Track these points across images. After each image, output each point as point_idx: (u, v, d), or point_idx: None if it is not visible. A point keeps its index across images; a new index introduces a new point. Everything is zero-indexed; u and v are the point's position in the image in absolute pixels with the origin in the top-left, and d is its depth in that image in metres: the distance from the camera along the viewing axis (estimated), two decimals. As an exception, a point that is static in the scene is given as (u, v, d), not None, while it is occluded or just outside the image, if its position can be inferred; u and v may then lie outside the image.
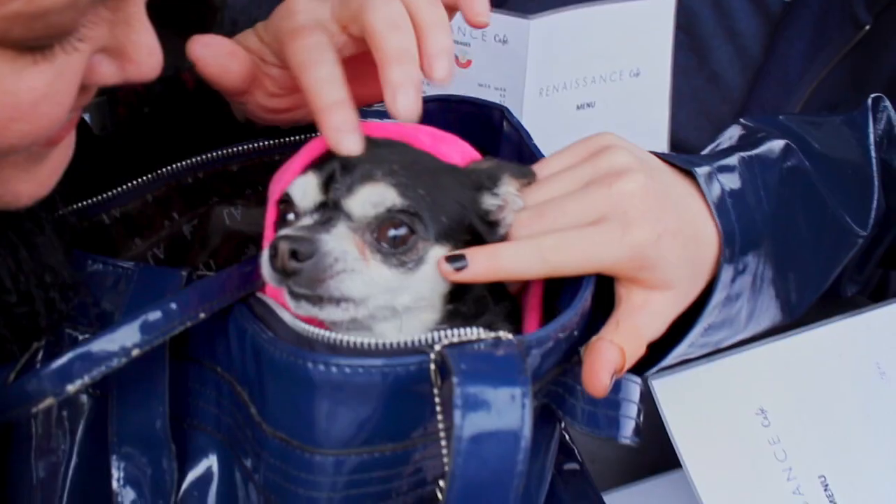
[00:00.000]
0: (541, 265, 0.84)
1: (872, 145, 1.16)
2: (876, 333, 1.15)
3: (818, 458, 1.08)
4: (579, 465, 1.09)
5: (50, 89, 0.72)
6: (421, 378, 0.76)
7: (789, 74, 1.67)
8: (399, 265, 0.83)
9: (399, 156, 0.85)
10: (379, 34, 0.86)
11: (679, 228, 0.90)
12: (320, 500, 0.80)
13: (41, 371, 0.83)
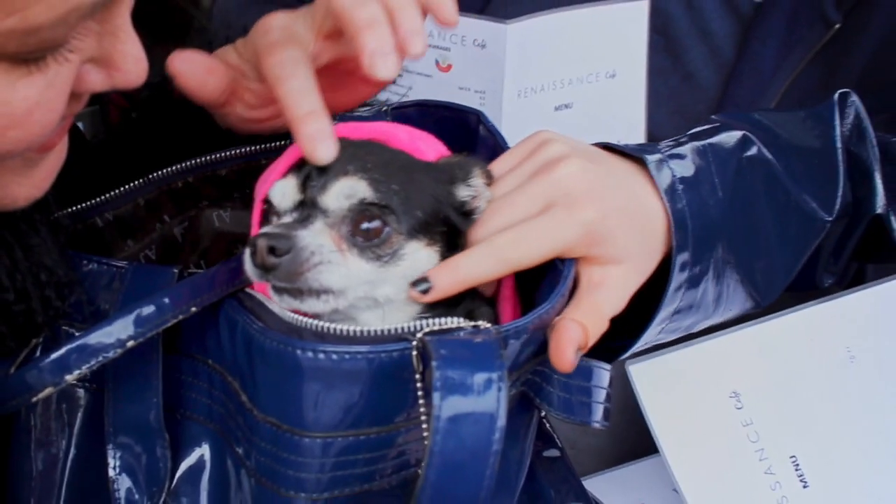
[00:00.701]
0: (501, 265, 0.89)
1: (838, 137, 1.21)
2: (846, 319, 1.20)
3: (790, 440, 1.13)
4: (560, 452, 1.12)
5: (43, 98, 0.76)
6: (404, 364, 0.80)
7: (762, 73, 1.71)
8: (375, 258, 0.87)
9: (374, 154, 0.89)
10: (348, 11, 0.91)
11: (624, 205, 0.95)
12: (309, 480, 0.84)
13: (40, 362, 0.87)
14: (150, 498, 0.93)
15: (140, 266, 0.97)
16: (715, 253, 1.05)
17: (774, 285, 1.15)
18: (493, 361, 0.78)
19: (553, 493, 1.08)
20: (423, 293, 0.87)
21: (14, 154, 0.78)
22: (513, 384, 0.88)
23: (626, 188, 0.99)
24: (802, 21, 1.71)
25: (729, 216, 1.06)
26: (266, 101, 0.98)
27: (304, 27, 0.95)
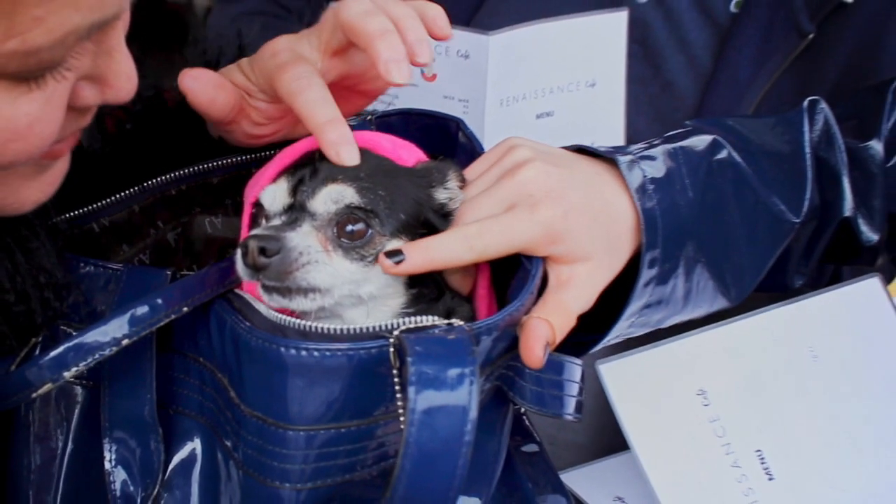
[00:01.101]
0: (468, 251, 0.94)
1: (807, 142, 1.25)
2: (809, 320, 1.24)
3: (755, 434, 1.17)
4: (538, 447, 1.16)
5: (42, 113, 0.80)
6: (382, 360, 0.85)
7: (739, 82, 1.74)
8: (359, 258, 0.91)
9: (361, 161, 0.94)
10: (359, 23, 0.96)
11: (587, 205, 1.00)
12: (293, 471, 0.88)
13: (40, 360, 0.92)
14: (144, 490, 0.97)
15: (134, 268, 1.02)
16: (684, 251, 1.10)
17: (744, 283, 1.19)
18: (466, 357, 0.83)
19: (531, 485, 1.12)
20: (396, 264, 0.91)
21: (17, 164, 0.83)
22: (487, 378, 0.93)
23: (592, 188, 1.04)
24: (777, 31, 1.75)
25: (699, 216, 1.11)
26: (270, 119, 1.04)
27: (310, 48, 1.01)
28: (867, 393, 1.23)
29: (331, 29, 1.00)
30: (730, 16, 1.79)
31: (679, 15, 1.77)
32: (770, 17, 1.75)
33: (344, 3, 0.99)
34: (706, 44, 1.78)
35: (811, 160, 1.24)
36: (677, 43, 1.78)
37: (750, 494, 1.14)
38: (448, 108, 1.42)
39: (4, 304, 0.92)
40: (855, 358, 1.24)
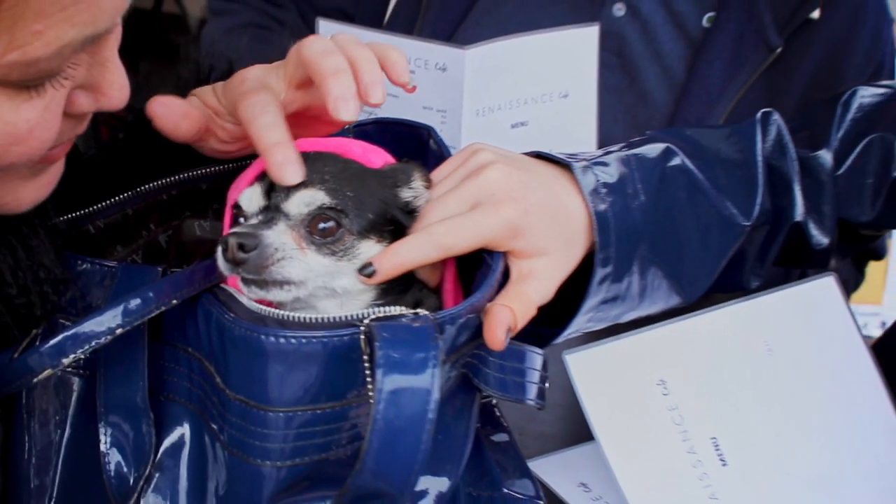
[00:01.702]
0: (436, 250, 1.01)
1: (759, 151, 1.31)
2: (765, 315, 1.29)
3: (710, 423, 1.23)
4: (508, 437, 1.22)
5: (42, 118, 0.86)
6: (354, 346, 0.92)
7: (710, 93, 1.82)
8: (331, 254, 0.98)
9: (330, 165, 1.01)
10: (317, 60, 1.02)
11: (545, 204, 1.08)
12: (274, 450, 0.94)
13: (41, 348, 0.96)
14: (136, 470, 1.02)
15: (128, 266, 1.07)
16: (638, 250, 1.17)
17: (698, 283, 1.26)
18: (429, 343, 0.90)
19: (500, 471, 1.17)
20: (369, 276, 0.99)
21: (18, 166, 0.89)
22: (452, 366, 0.99)
23: (549, 189, 1.11)
24: (747, 45, 1.83)
25: (652, 218, 1.18)
26: (235, 139, 1.10)
27: (276, 79, 1.07)
28: (818, 386, 1.29)
29: (294, 63, 1.06)
30: (702, 30, 1.87)
31: (654, 28, 1.86)
32: (740, 32, 1.83)
33: (307, 40, 1.06)
34: (680, 56, 1.87)
35: (762, 167, 1.31)
36: (652, 55, 1.86)
37: (704, 479, 1.20)
38: (427, 118, 1.49)
39: (7, 297, 0.98)
40: (808, 352, 1.30)
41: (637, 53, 1.87)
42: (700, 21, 1.87)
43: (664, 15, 1.86)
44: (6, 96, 0.83)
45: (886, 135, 1.38)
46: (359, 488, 0.89)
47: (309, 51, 1.04)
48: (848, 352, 1.32)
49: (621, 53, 1.86)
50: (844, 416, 1.29)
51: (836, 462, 1.27)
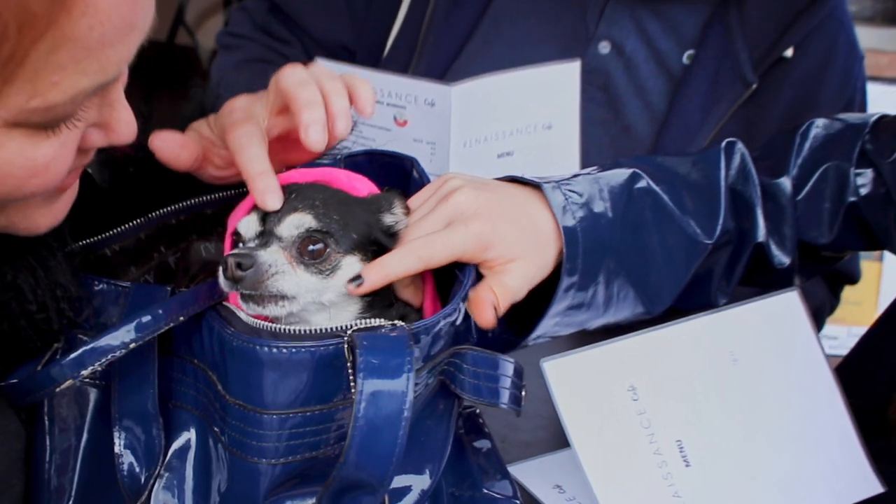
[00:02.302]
0: (417, 262, 1.13)
1: (722, 177, 1.41)
2: (731, 327, 1.37)
3: (676, 427, 1.30)
4: (490, 444, 1.32)
5: (58, 154, 0.96)
6: (339, 355, 1.03)
7: (690, 126, 1.91)
8: (318, 272, 1.09)
9: (319, 193, 1.13)
10: (292, 92, 1.16)
11: (512, 217, 1.20)
12: (269, 449, 1.05)
13: (62, 360, 1.07)
14: (147, 470, 1.12)
15: (140, 286, 1.18)
16: (605, 263, 1.28)
17: (663, 296, 1.36)
18: (405, 350, 1.01)
19: (480, 473, 1.27)
20: (358, 286, 1.10)
21: (36, 195, 1.00)
22: (430, 372, 1.10)
23: (518, 206, 1.23)
24: (724, 82, 1.92)
25: (619, 235, 1.29)
26: (229, 165, 1.22)
27: (260, 107, 1.20)
28: (779, 394, 1.37)
29: (274, 92, 1.19)
30: (682, 67, 1.96)
31: (637, 65, 1.96)
32: (718, 69, 1.92)
33: (284, 71, 1.19)
34: (661, 91, 1.96)
35: (725, 191, 1.41)
36: (635, 90, 1.96)
37: (668, 478, 1.28)
38: (418, 149, 1.60)
39: (28, 313, 1.09)
40: (771, 363, 1.37)
41: (621, 88, 1.96)
42: (680, 58, 1.96)
43: (647, 53, 1.96)
44: (27, 136, 0.93)
45: (841, 163, 1.48)
46: (343, 479, 1.00)
47: (286, 82, 1.17)
48: (808, 363, 1.40)
49: (606, 88, 1.96)
50: (803, 424, 1.37)
51: (794, 466, 1.35)
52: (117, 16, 0.89)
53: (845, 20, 2.02)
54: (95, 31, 0.88)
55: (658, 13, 1.97)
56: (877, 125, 1.51)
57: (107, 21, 0.89)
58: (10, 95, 0.88)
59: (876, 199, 1.49)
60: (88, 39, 0.89)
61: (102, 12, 0.88)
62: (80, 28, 0.87)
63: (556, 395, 1.28)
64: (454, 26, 1.97)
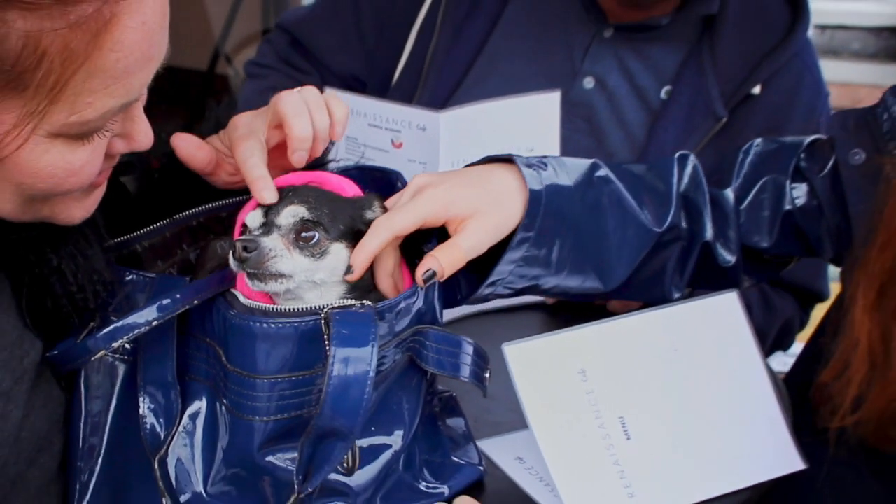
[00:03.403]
0: (386, 233, 1.32)
1: (674, 182, 1.61)
2: (673, 322, 1.55)
3: (619, 405, 1.48)
4: (463, 421, 1.54)
5: (90, 158, 1.15)
6: (317, 329, 1.23)
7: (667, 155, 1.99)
8: (311, 255, 1.30)
9: (312, 192, 1.34)
10: (288, 119, 1.39)
11: (470, 181, 1.42)
12: (261, 408, 1.26)
13: (97, 334, 1.26)
14: (166, 429, 1.31)
15: (164, 276, 1.38)
16: (562, 230, 1.46)
17: (615, 273, 1.54)
18: (370, 324, 1.22)
19: (451, 444, 1.49)
20: (350, 275, 1.31)
21: (72, 192, 1.17)
22: (398, 347, 1.30)
23: (480, 175, 1.43)
24: (697, 115, 2.09)
25: (578, 209, 1.48)
26: (238, 171, 1.43)
27: (260, 122, 1.42)
28: (715, 380, 1.54)
29: (273, 112, 1.42)
30: (660, 101, 2.13)
31: (619, 99, 2.14)
32: (692, 104, 2.10)
33: (281, 96, 1.41)
34: (641, 123, 2.14)
35: (676, 192, 1.60)
36: (617, 122, 2.14)
37: (610, 449, 1.45)
38: (411, 168, 1.80)
39: (69, 293, 1.27)
40: (708, 353, 1.55)
41: (604, 120, 2.14)
42: (659, 94, 2.14)
43: (628, 88, 2.14)
44: (67, 144, 1.12)
45: (778, 176, 1.67)
46: (320, 428, 1.21)
47: (282, 107, 1.40)
48: (742, 354, 1.58)
49: (590, 120, 2.13)
50: (734, 407, 1.55)
51: (725, 443, 1.53)
52: (138, 51, 1.11)
53: (810, 61, 2.20)
54: (121, 63, 1.10)
55: (639, 52, 2.15)
56: (811, 145, 1.69)
57: (130, 55, 1.10)
58: (53, 113, 1.08)
59: (810, 211, 1.67)
60: (115, 70, 1.09)
61: (127, 48, 1.10)
62: (109, 61, 1.09)
63: (515, 376, 1.45)
64: (454, 62, 2.16)
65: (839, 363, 1.53)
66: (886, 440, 1.54)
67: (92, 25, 1.06)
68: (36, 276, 1.26)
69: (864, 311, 1.51)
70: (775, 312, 2.23)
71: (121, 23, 1.08)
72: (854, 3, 4.51)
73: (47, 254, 1.26)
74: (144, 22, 1.10)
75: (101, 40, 1.07)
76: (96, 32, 1.07)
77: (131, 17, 1.09)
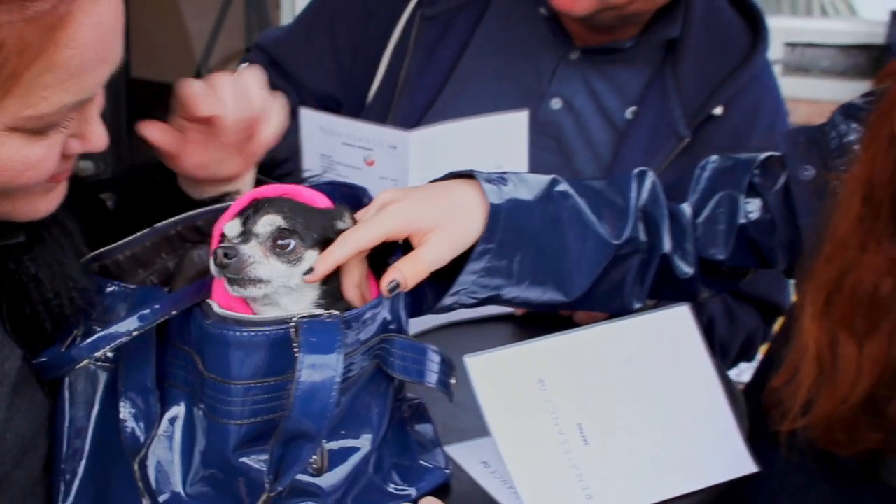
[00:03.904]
0: (351, 245, 1.38)
1: (632, 197, 1.67)
2: (627, 334, 1.62)
3: (577, 412, 1.54)
4: (431, 426, 1.60)
5: (47, 153, 1.18)
6: (288, 337, 1.29)
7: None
8: (287, 262, 1.36)
9: (286, 202, 1.40)
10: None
11: (431, 196, 1.47)
12: (236, 412, 1.30)
13: (81, 344, 1.31)
14: (146, 433, 1.34)
15: (144, 287, 1.44)
16: (523, 243, 1.52)
17: (576, 284, 1.60)
18: (337, 332, 1.29)
19: (418, 448, 1.55)
20: (310, 275, 1.37)
21: (29, 187, 1.20)
22: (365, 354, 1.37)
23: (441, 190, 1.48)
24: (661, 135, 2.16)
25: (538, 223, 1.54)
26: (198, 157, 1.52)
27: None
28: (668, 388, 1.61)
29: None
30: (625, 121, 2.20)
31: (586, 119, 2.20)
32: (656, 124, 2.17)
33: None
34: (607, 142, 2.20)
35: (634, 207, 1.67)
36: (584, 141, 2.21)
37: (569, 454, 1.51)
38: (382, 185, 1.85)
39: (46, 299, 1.31)
40: (662, 362, 1.62)
41: (571, 139, 2.20)
42: (624, 114, 2.20)
43: (594, 108, 2.20)
44: (24, 139, 1.15)
45: (733, 192, 1.74)
46: (289, 430, 1.28)
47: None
48: (695, 364, 1.66)
49: (558, 139, 2.19)
50: (688, 413, 1.62)
51: (679, 448, 1.59)
52: (92, 50, 1.17)
53: (770, 83, 2.28)
54: (76, 59, 1.13)
55: (604, 74, 2.22)
56: (764, 162, 1.77)
57: (84, 53, 1.14)
58: (8, 106, 1.12)
59: (763, 224, 1.75)
60: (70, 66, 1.13)
61: (81, 46, 1.15)
62: (63, 57, 1.12)
63: (477, 386, 1.53)
64: (426, 83, 2.22)
65: (790, 369, 1.60)
66: (835, 443, 1.62)
67: (48, 20, 1.12)
68: (15, 284, 1.30)
69: (812, 319, 1.59)
70: (738, 325, 2.29)
71: (76, 20, 1.14)
72: (823, 22, 4.62)
73: (25, 262, 1.32)
74: (99, 22, 1.17)
75: (56, 36, 1.13)
76: (52, 27, 1.11)
77: (86, 15, 1.15)
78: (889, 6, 4.20)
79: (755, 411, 1.77)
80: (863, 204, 1.57)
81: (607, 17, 2.10)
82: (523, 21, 2.26)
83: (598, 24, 2.14)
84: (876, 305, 1.55)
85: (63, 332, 1.38)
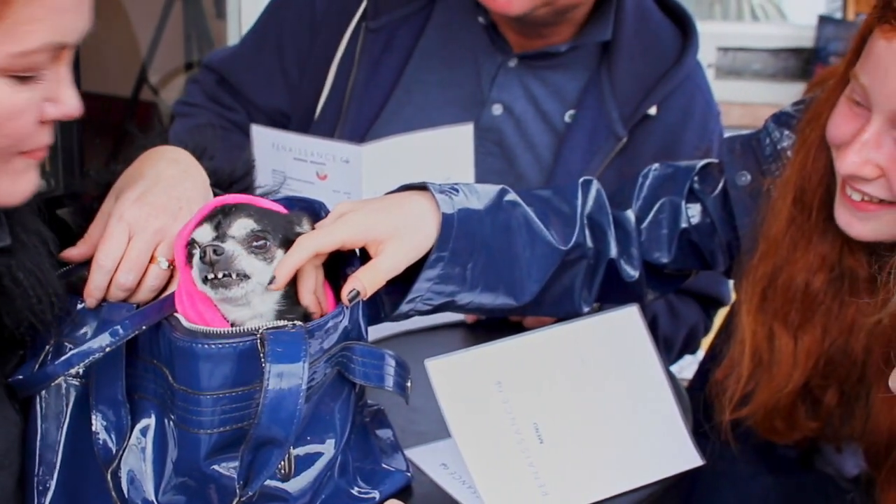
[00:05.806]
0: (307, 250, 1.43)
1: (578, 206, 1.76)
2: (579, 335, 1.70)
3: (533, 412, 1.61)
4: (391, 431, 1.66)
5: (30, 102, 1.23)
6: (254, 348, 1.35)
7: (573, 174, 2.15)
8: (264, 259, 1.41)
9: (253, 207, 1.45)
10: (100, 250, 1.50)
11: (385, 207, 1.54)
12: (206, 422, 1.36)
13: (55, 361, 1.36)
14: (118, 444, 1.39)
15: (111, 304, 1.46)
16: (475, 251, 1.58)
17: (526, 289, 1.68)
18: (301, 342, 1.35)
19: (380, 452, 1.60)
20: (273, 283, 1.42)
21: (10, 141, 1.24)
22: (327, 362, 1.43)
23: (395, 202, 1.55)
24: (600, 136, 2.23)
25: (489, 231, 1.62)
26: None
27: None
28: (619, 387, 1.69)
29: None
30: (565, 124, 2.27)
31: (526, 124, 2.26)
32: (594, 126, 2.24)
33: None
34: (547, 145, 2.27)
35: (580, 214, 1.75)
36: (525, 145, 2.27)
37: (525, 452, 1.58)
38: (336, 198, 1.87)
39: (31, 305, 1.35)
40: (613, 362, 1.69)
41: (513, 143, 2.26)
42: (563, 117, 2.26)
43: (534, 113, 2.26)
44: (10, 84, 1.21)
45: (674, 198, 1.83)
46: (258, 437, 1.34)
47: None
48: (643, 362, 1.74)
49: (500, 143, 2.26)
50: (637, 410, 1.70)
51: (629, 443, 1.67)
52: None
53: (701, 83, 2.36)
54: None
55: (543, 79, 2.28)
56: (703, 169, 1.87)
57: None
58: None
59: (704, 228, 1.84)
60: (52, 2, 1.19)
61: None
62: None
63: (437, 389, 1.59)
64: (372, 94, 2.27)
65: (730, 361, 1.70)
66: (774, 431, 1.71)
67: None
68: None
69: (750, 314, 1.68)
70: (681, 319, 2.36)
71: None
72: (754, 27, 4.74)
73: (12, 266, 1.34)
74: None
75: None
76: None
77: None
78: (817, 11, 4.33)
79: (700, 406, 1.85)
80: (794, 205, 1.67)
81: (542, 14, 2.15)
82: (464, 30, 2.32)
83: (534, 22, 2.19)
84: (808, 299, 1.64)
85: (37, 346, 1.43)
